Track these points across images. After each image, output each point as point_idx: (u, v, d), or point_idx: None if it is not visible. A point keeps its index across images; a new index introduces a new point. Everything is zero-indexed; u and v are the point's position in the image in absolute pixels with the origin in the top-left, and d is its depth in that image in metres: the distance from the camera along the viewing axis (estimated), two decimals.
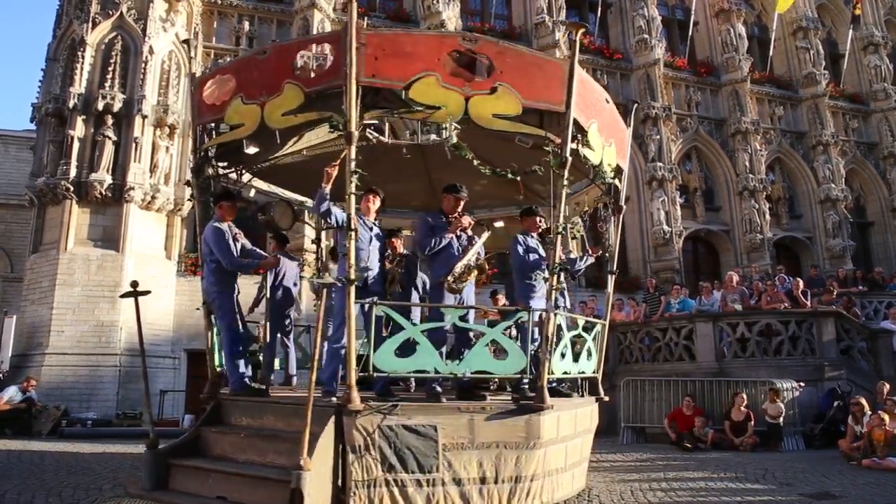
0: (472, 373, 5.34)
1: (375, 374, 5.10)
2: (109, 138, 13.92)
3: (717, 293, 12.86)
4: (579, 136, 5.67)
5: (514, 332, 6.21)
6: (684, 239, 19.21)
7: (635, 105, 7.59)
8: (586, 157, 5.81)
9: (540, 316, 5.57)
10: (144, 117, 14.17)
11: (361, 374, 4.97)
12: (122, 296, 6.36)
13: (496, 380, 6.29)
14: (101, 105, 13.86)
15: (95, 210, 13.87)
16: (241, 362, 5.96)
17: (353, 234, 5.00)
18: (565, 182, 5.45)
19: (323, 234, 8.46)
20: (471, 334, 5.82)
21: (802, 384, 10.62)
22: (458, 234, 5.77)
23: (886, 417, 8.22)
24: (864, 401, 9.01)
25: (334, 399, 5.12)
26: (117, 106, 13.98)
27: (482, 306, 7.35)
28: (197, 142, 6.32)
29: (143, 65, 14.38)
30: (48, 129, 14.25)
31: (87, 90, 14.01)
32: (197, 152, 6.30)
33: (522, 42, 17.27)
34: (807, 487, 6.56)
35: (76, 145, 13.76)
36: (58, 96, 14.08)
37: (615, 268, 7.16)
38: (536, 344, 5.60)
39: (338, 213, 5.33)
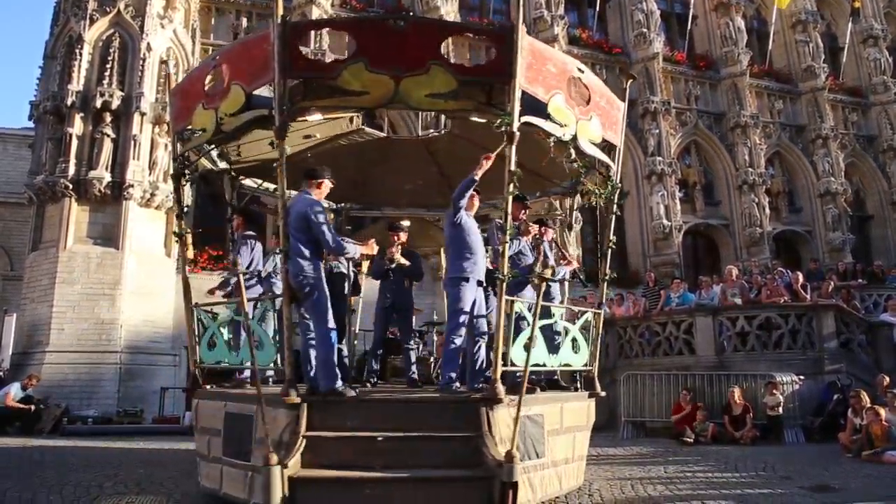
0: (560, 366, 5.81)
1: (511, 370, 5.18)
2: (108, 136, 13.90)
3: (717, 287, 12.86)
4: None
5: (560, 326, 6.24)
6: (684, 233, 19.24)
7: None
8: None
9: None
10: (143, 114, 14.15)
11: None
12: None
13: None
14: (99, 102, 13.83)
15: (95, 208, 13.86)
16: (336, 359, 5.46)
17: (507, 235, 5.07)
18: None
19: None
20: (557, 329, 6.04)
21: (802, 377, 10.63)
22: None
23: (882, 411, 8.23)
24: (863, 394, 9.02)
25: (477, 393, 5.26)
26: (115, 103, 13.95)
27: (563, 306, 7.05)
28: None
29: (140, 62, 14.35)
30: (47, 126, 14.23)
31: (86, 88, 13.98)
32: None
33: None
34: (806, 480, 6.57)
35: (75, 143, 13.74)
36: (56, 94, 14.05)
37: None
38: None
39: (464, 216, 5.57)
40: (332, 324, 5.22)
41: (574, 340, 6.01)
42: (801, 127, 22.06)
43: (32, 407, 11.23)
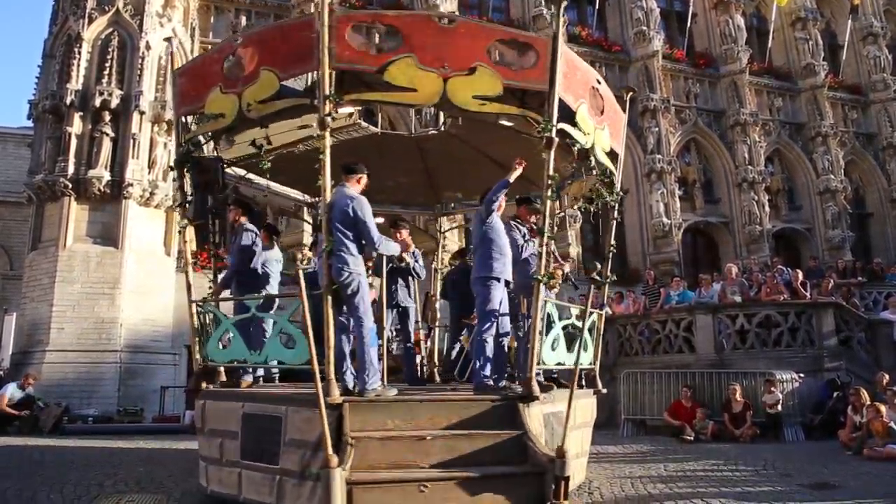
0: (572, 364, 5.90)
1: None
2: (107, 135, 13.90)
3: (717, 285, 12.86)
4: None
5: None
6: (683, 231, 19.24)
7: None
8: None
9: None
10: (142, 113, 14.15)
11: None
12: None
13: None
14: (98, 101, 13.83)
15: (94, 207, 13.87)
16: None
17: (545, 237, 5.23)
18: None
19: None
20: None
21: (802, 375, 10.63)
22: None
23: (883, 408, 8.24)
24: (863, 391, 9.03)
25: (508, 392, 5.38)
26: (115, 102, 13.95)
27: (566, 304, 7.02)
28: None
29: (139, 60, 14.35)
30: (46, 125, 14.23)
31: (84, 86, 13.98)
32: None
33: None
34: (806, 478, 6.57)
35: (74, 142, 13.74)
36: (55, 93, 14.04)
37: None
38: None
39: (494, 217, 5.68)
40: (372, 321, 5.21)
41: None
42: (800, 124, 22.05)
43: (26, 412, 11.16)
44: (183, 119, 6.25)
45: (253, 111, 5.21)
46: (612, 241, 6.59)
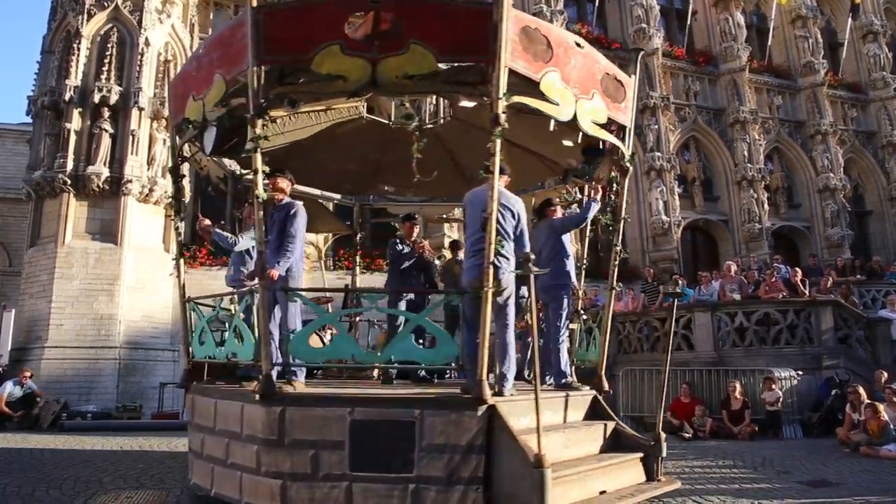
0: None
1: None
2: (106, 131, 13.88)
3: (716, 283, 12.88)
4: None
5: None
6: (683, 229, 19.24)
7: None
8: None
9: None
10: (141, 109, 14.13)
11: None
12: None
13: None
14: (97, 97, 13.81)
15: (93, 203, 13.85)
16: None
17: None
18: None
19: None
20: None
21: (801, 373, 10.66)
22: None
23: (881, 407, 8.26)
24: (861, 389, 9.04)
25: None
26: (114, 98, 13.93)
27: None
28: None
29: (139, 57, 14.33)
30: (44, 122, 14.20)
31: (84, 83, 13.96)
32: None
33: None
34: (804, 475, 6.59)
35: (73, 138, 13.72)
36: (54, 89, 14.03)
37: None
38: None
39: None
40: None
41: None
42: (800, 122, 22.04)
43: (21, 413, 11.16)
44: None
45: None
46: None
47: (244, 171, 6.98)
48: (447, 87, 5.28)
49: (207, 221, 6.28)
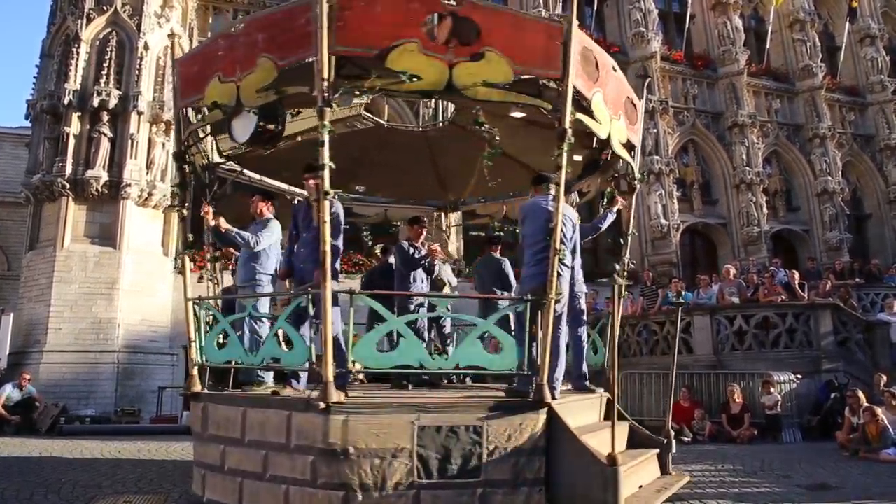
0: None
1: None
2: (105, 135, 13.88)
3: (715, 286, 12.88)
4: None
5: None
6: (682, 232, 19.25)
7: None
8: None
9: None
10: (140, 113, 14.13)
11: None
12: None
13: None
14: (96, 101, 13.80)
15: (92, 207, 13.85)
16: None
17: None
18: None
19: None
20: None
21: (800, 376, 10.66)
22: None
23: (879, 411, 8.26)
24: (860, 393, 9.04)
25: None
26: (113, 102, 13.93)
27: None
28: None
29: (138, 61, 14.33)
30: (43, 125, 14.20)
31: (83, 86, 13.96)
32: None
33: None
34: (804, 479, 6.58)
35: (72, 142, 13.72)
36: (53, 93, 14.02)
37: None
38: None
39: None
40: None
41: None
42: (798, 126, 22.08)
43: (17, 417, 11.11)
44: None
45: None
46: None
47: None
48: (516, 97, 5.21)
49: (222, 220, 5.90)
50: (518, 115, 5.91)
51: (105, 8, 14.49)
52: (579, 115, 4.93)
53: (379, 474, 4.36)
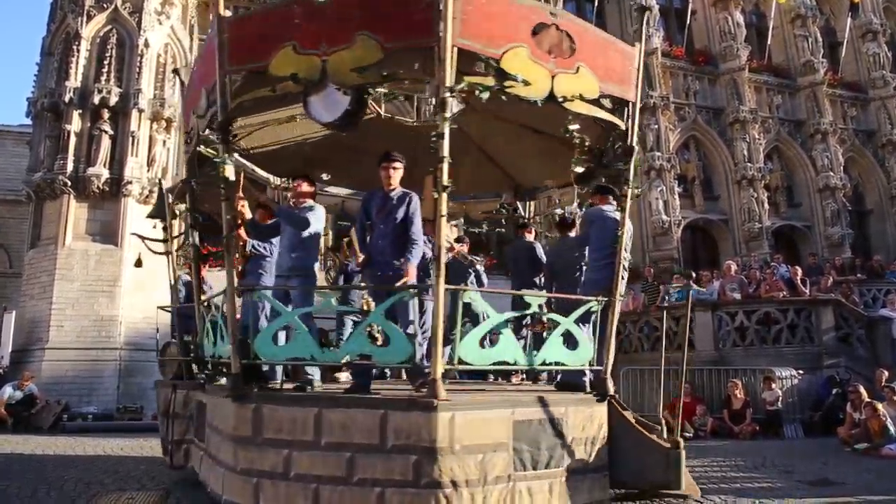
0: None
1: None
2: (106, 132, 13.87)
3: (716, 282, 12.88)
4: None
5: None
6: (683, 228, 19.24)
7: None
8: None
9: None
10: (141, 111, 14.12)
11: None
12: None
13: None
14: (97, 99, 13.80)
15: (93, 205, 13.84)
16: None
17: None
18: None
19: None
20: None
21: (801, 372, 10.66)
22: None
23: (880, 406, 8.26)
24: (862, 388, 9.04)
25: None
26: (113, 100, 13.92)
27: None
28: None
29: (138, 58, 14.30)
30: (44, 123, 14.19)
31: (83, 84, 13.94)
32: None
33: None
34: (806, 475, 6.59)
35: (73, 140, 13.71)
36: (53, 91, 14.01)
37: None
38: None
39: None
40: None
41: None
42: (800, 122, 22.03)
43: (12, 419, 11.12)
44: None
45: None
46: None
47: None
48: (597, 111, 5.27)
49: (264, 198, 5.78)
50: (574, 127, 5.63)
51: (105, 5, 14.45)
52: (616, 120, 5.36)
53: (481, 469, 4.42)
